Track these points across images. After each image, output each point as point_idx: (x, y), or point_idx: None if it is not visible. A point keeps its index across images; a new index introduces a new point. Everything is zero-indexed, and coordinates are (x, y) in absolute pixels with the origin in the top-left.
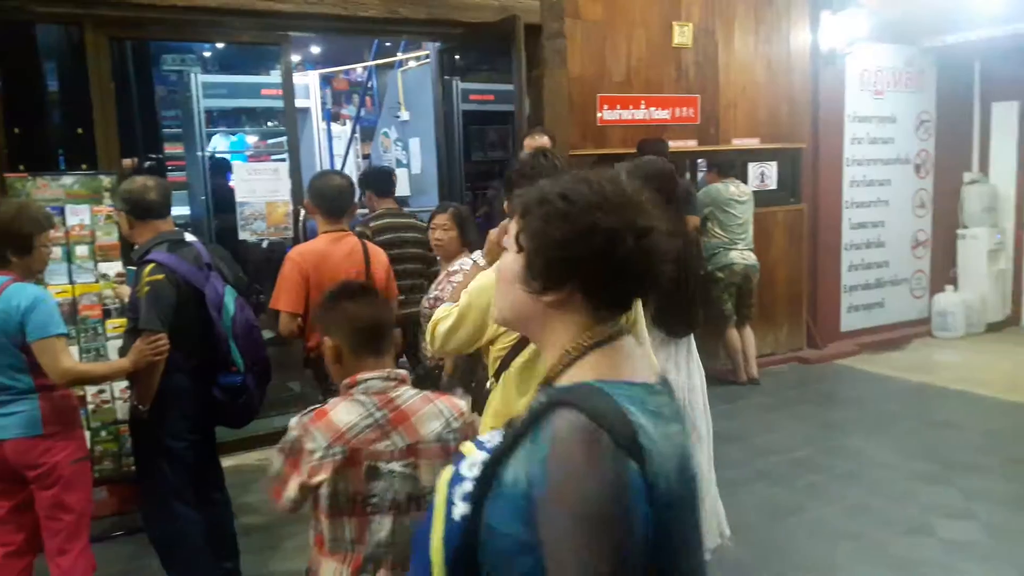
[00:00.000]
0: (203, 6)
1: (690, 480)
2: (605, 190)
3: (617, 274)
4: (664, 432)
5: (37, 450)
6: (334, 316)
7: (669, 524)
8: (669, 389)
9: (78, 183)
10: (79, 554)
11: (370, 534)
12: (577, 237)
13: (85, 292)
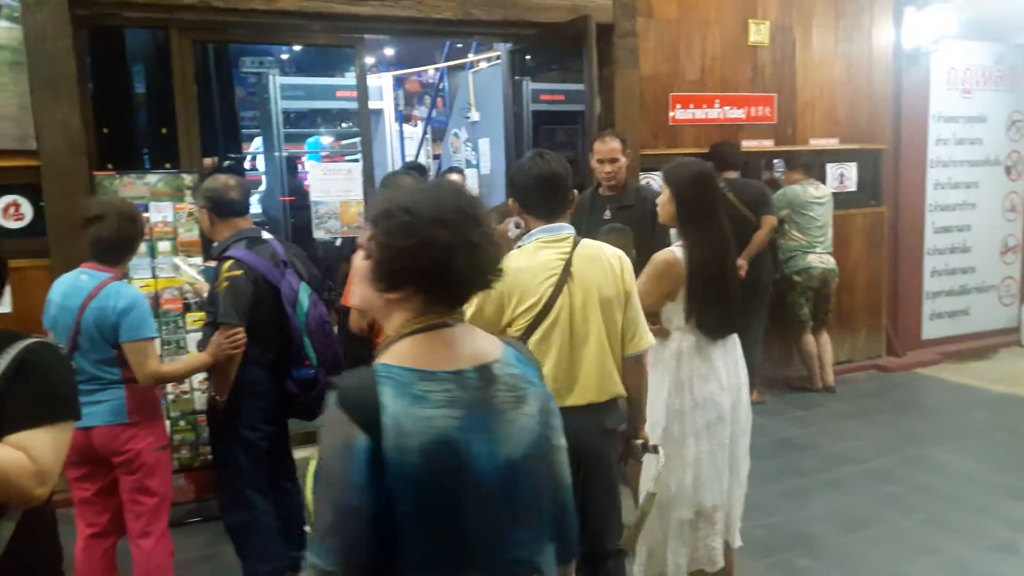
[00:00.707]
0: (282, 9)
1: (452, 462)
2: (445, 205)
3: (450, 281)
4: (419, 415)
5: (122, 437)
6: None
7: (416, 490)
8: (478, 378)
9: (162, 181)
10: (160, 537)
11: None
12: (416, 249)
13: (167, 286)
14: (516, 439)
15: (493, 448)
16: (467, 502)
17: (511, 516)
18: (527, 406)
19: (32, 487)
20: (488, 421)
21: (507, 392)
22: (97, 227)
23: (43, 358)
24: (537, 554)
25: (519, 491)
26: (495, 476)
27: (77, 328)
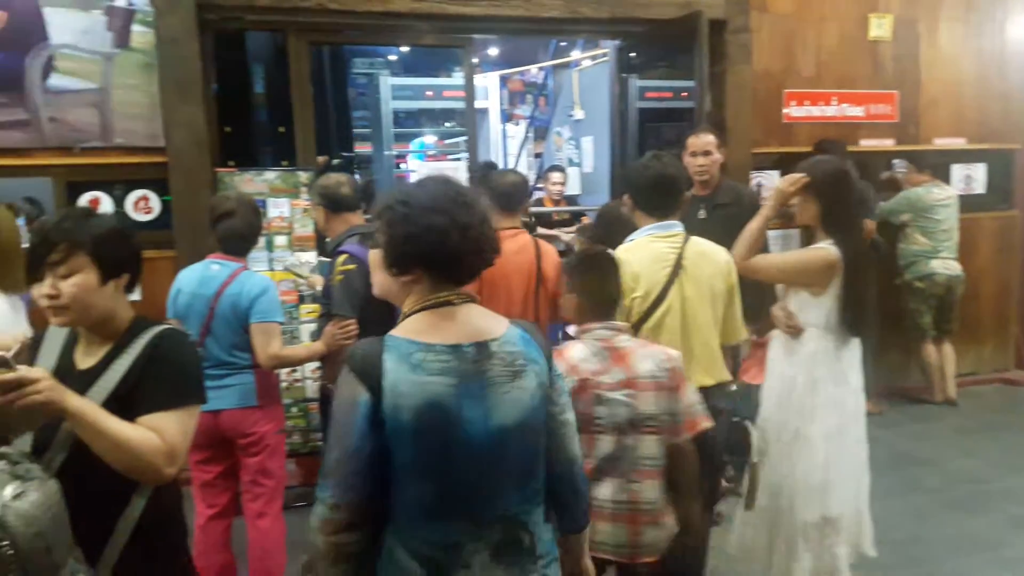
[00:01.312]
0: (395, 11)
1: (443, 423)
2: (437, 194)
3: (449, 260)
4: (415, 379)
5: (249, 420)
6: (579, 280)
7: (413, 443)
8: (475, 352)
9: (279, 178)
10: (275, 518)
11: (596, 449)
12: (416, 235)
13: (283, 279)
14: (509, 409)
15: (485, 415)
16: (458, 459)
17: (501, 477)
18: (523, 380)
19: (163, 466)
20: (482, 390)
21: (503, 367)
22: (230, 220)
23: (174, 344)
24: (525, 514)
25: (510, 455)
26: (486, 440)
27: (211, 314)
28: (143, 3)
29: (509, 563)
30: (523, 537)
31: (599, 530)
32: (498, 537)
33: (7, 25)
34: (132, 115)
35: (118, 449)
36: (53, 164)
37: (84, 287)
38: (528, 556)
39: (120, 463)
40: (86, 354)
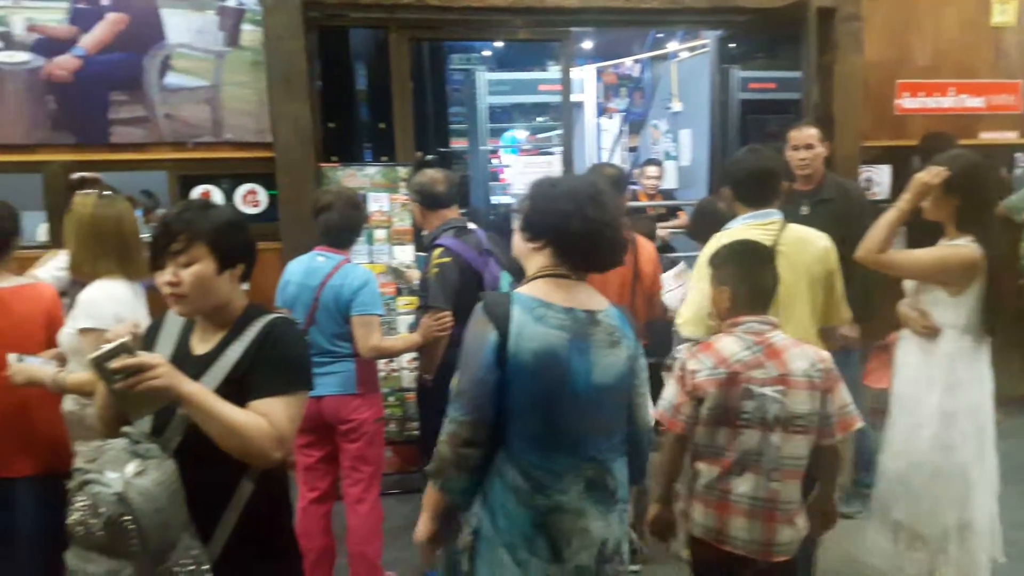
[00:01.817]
0: (494, 6)
1: (555, 368)
2: (578, 187)
3: (570, 241)
4: (536, 330)
5: (350, 407)
6: (732, 271)
7: (527, 381)
8: (586, 318)
9: (379, 173)
10: (373, 504)
11: (738, 443)
12: (548, 211)
13: (382, 271)
14: (607, 370)
15: (588, 369)
16: (562, 401)
17: (594, 425)
18: (619, 350)
19: (271, 450)
20: (587, 350)
21: (605, 334)
22: (328, 214)
23: (284, 333)
24: (610, 461)
25: (602, 409)
26: (586, 391)
27: (316, 304)
28: (252, 2)
29: (596, 499)
30: (607, 480)
31: (734, 524)
32: (591, 474)
33: (128, 27)
34: (241, 111)
35: (229, 433)
36: (168, 159)
37: (202, 276)
38: (610, 497)
39: (231, 446)
40: (202, 340)
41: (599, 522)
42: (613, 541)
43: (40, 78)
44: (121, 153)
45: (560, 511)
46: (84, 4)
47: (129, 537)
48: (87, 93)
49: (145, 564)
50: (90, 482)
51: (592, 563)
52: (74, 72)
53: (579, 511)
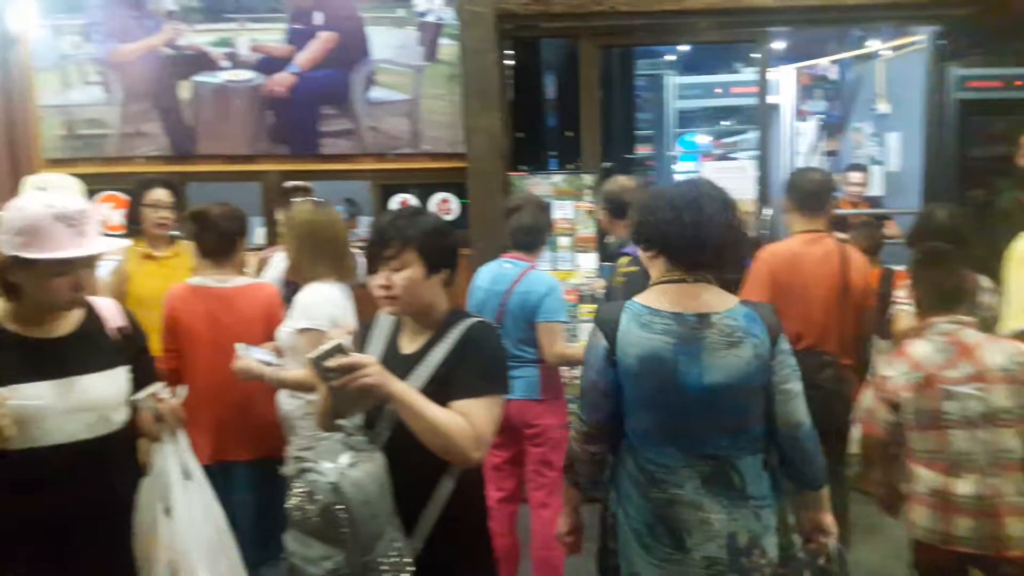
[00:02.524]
0: (690, 9)
1: (661, 370)
2: (678, 194)
3: (675, 246)
4: (640, 335)
5: (534, 411)
6: (924, 273)
7: (635, 383)
8: (696, 321)
9: (564, 181)
10: (557, 509)
11: (949, 445)
12: (648, 222)
13: (564, 279)
14: (721, 370)
15: (699, 371)
16: (672, 401)
17: (711, 423)
18: (739, 350)
19: (471, 450)
20: (698, 352)
21: (720, 336)
22: (517, 216)
23: (485, 336)
24: (735, 458)
25: (720, 407)
26: (698, 391)
27: (503, 310)
28: (450, 17)
29: (716, 493)
30: (732, 476)
31: (959, 525)
32: (708, 470)
33: (337, 44)
34: (437, 123)
35: (433, 431)
36: (370, 169)
37: (412, 280)
38: (737, 493)
39: (434, 444)
40: (409, 340)
41: (722, 515)
42: (746, 535)
43: (260, 94)
44: (329, 163)
45: (677, 504)
46: (299, 24)
47: (341, 525)
48: (300, 107)
49: (354, 553)
50: (308, 470)
51: (723, 554)
52: (290, 88)
53: (697, 504)
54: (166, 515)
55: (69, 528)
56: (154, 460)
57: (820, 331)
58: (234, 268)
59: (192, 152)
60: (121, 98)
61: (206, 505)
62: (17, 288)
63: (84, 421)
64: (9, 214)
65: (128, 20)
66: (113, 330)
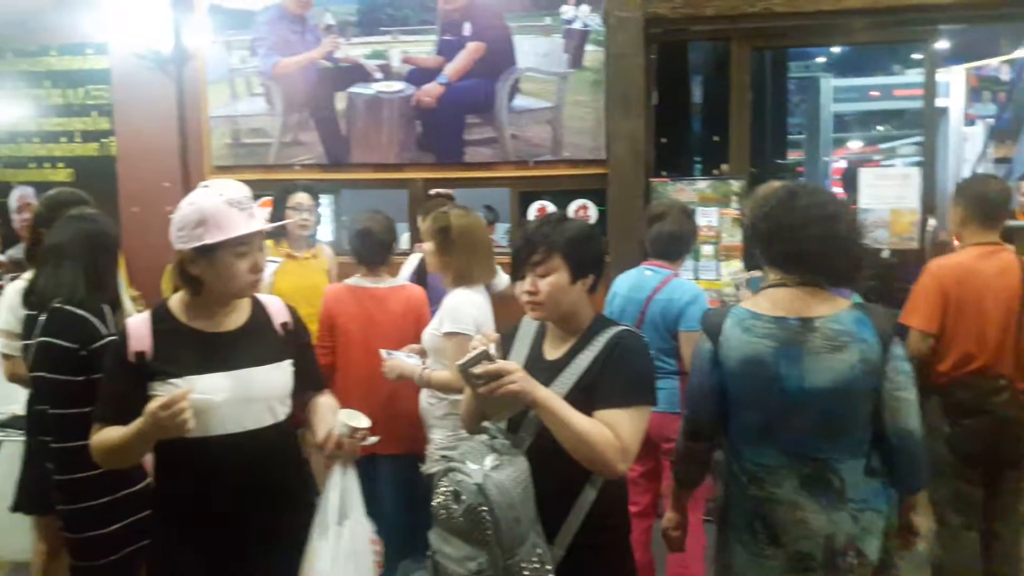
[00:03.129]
0: (849, 8)
1: (762, 373)
2: (779, 202)
3: (777, 257)
4: (742, 338)
5: (674, 426)
6: None
7: (737, 384)
8: (798, 325)
9: (710, 187)
10: (695, 526)
11: None
12: (755, 227)
13: (707, 288)
14: (822, 374)
15: (800, 374)
16: (772, 403)
17: (811, 425)
18: (844, 355)
19: (615, 461)
20: (799, 355)
21: (823, 340)
22: (660, 224)
23: (632, 345)
24: (836, 461)
25: (821, 411)
26: (798, 394)
27: (642, 318)
28: (596, 24)
29: (815, 494)
30: (831, 478)
31: None
32: (807, 471)
33: (484, 54)
34: (579, 130)
35: (577, 439)
36: (511, 176)
37: (558, 285)
38: (837, 496)
39: (578, 453)
40: (553, 346)
41: (820, 516)
42: (845, 537)
43: (410, 104)
44: (472, 171)
45: (774, 502)
46: (449, 36)
47: (484, 527)
48: (447, 117)
49: (496, 555)
50: (454, 470)
51: (819, 553)
52: (438, 98)
53: (794, 504)
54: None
55: (236, 516)
56: (325, 487)
57: (995, 351)
58: (387, 271)
59: (345, 160)
60: (282, 109)
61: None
62: (199, 281)
63: (252, 412)
64: (183, 211)
65: (291, 35)
66: (279, 326)
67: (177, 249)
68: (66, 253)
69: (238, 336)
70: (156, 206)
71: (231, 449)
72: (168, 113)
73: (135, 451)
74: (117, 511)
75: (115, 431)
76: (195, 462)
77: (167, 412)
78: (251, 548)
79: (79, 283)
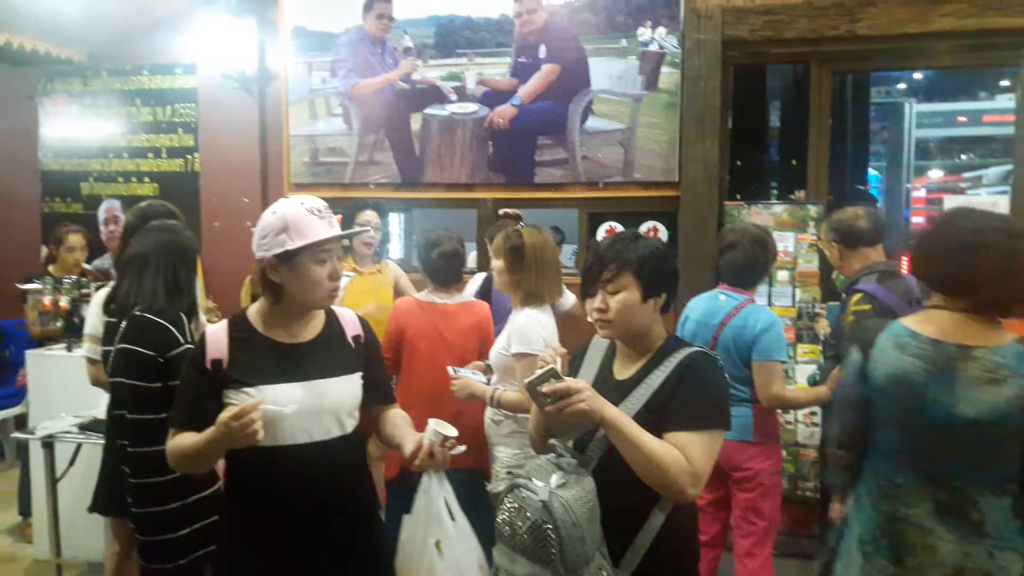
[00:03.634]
0: (936, 31)
1: (907, 393)
2: (944, 219)
3: (945, 277)
4: (892, 355)
5: (744, 455)
6: None
7: (882, 399)
8: (956, 351)
9: (786, 212)
10: (764, 561)
11: None
12: (914, 247)
13: (781, 315)
14: (973, 404)
15: (950, 401)
16: (915, 425)
17: (955, 454)
18: (1002, 388)
19: (686, 485)
20: (954, 381)
21: (981, 370)
22: (732, 252)
23: (706, 367)
24: (978, 494)
25: (967, 441)
26: (946, 420)
27: (714, 344)
28: (672, 46)
29: (950, 525)
30: (969, 510)
31: None
32: (944, 499)
33: (558, 76)
34: (651, 152)
35: (647, 462)
36: (580, 197)
37: (628, 303)
38: (973, 528)
39: (647, 475)
40: (623, 366)
41: (953, 547)
42: (977, 572)
43: (483, 125)
44: (541, 192)
45: (903, 522)
46: (524, 58)
47: (549, 545)
48: (519, 138)
49: (560, 574)
50: (520, 487)
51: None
52: (510, 119)
53: (925, 528)
54: (439, 555)
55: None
56: (419, 497)
57: None
58: (456, 288)
59: (418, 180)
60: (359, 128)
61: (470, 548)
62: (280, 289)
63: (321, 423)
64: (266, 219)
65: (370, 57)
66: (351, 338)
67: (259, 257)
68: (148, 262)
69: (312, 347)
70: (236, 221)
71: (299, 459)
72: (250, 131)
73: (207, 458)
74: (188, 516)
75: (189, 437)
76: (263, 470)
77: (238, 423)
78: (317, 557)
79: (159, 292)
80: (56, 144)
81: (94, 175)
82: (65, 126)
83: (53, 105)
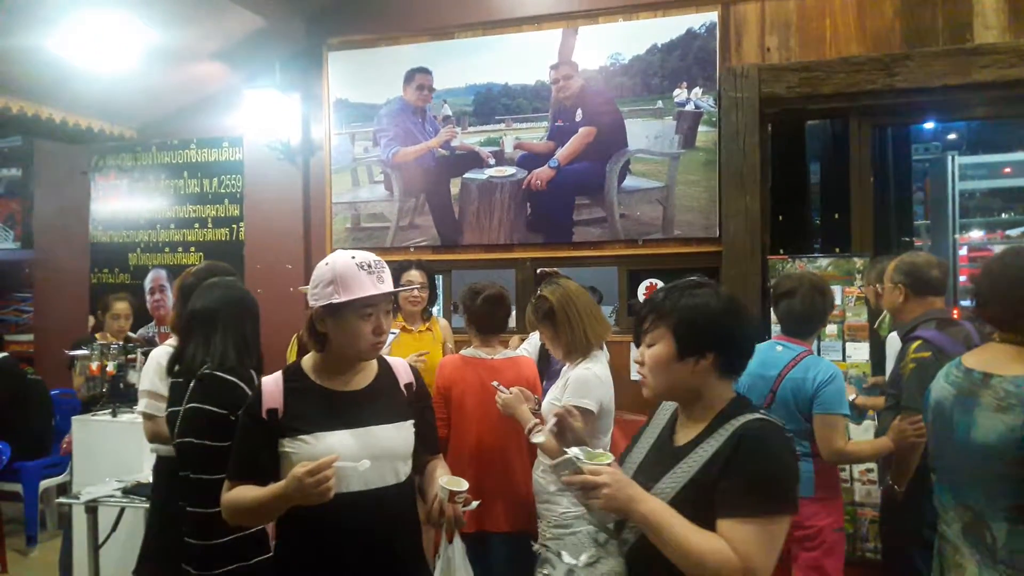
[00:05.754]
0: (978, 82)
1: (941, 417)
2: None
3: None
4: (940, 384)
5: (807, 511)
6: None
7: (930, 425)
8: (980, 378)
9: (831, 265)
10: None
11: None
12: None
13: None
14: (984, 429)
15: (968, 424)
16: (947, 447)
17: (970, 476)
18: (1008, 416)
19: None
20: (972, 406)
21: (993, 397)
22: (789, 301)
23: (762, 437)
24: (991, 518)
25: (979, 465)
26: (964, 443)
27: (772, 397)
28: (709, 105)
29: (973, 544)
30: (985, 534)
31: None
32: (967, 519)
33: (595, 138)
34: (691, 208)
35: (683, 556)
36: (619, 255)
37: (659, 359)
38: (989, 552)
39: (685, 568)
40: (683, 430)
41: (975, 568)
42: None
43: (521, 187)
44: (580, 251)
45: (944, 540)
46: (561, 122)
47: None
48: (557, 198)
49: None
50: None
51: None
52: (548, 181)
53: (956, 548)
54: None
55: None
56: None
57: None
58: (500, 342)
59: (457, 242)
60: (399, 194)
61: None
62: (326, 339)
63: (376, 471)
64: (319, 270)
65: (411, 126)
66: (403, 387)
67: (310, 305)
68: (215, 319)
69: (364, 395)
70: (279, 287)
71: (355, 507)
72: (294, 200)
73: (271, 512)
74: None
75: (250, 491)
76: (318, 520)
77: (313, 478)
78: None
79: (229, 349)
80: (106, 217)
81: (141, 246)
82: (115, 199)
83: (104, 180)
